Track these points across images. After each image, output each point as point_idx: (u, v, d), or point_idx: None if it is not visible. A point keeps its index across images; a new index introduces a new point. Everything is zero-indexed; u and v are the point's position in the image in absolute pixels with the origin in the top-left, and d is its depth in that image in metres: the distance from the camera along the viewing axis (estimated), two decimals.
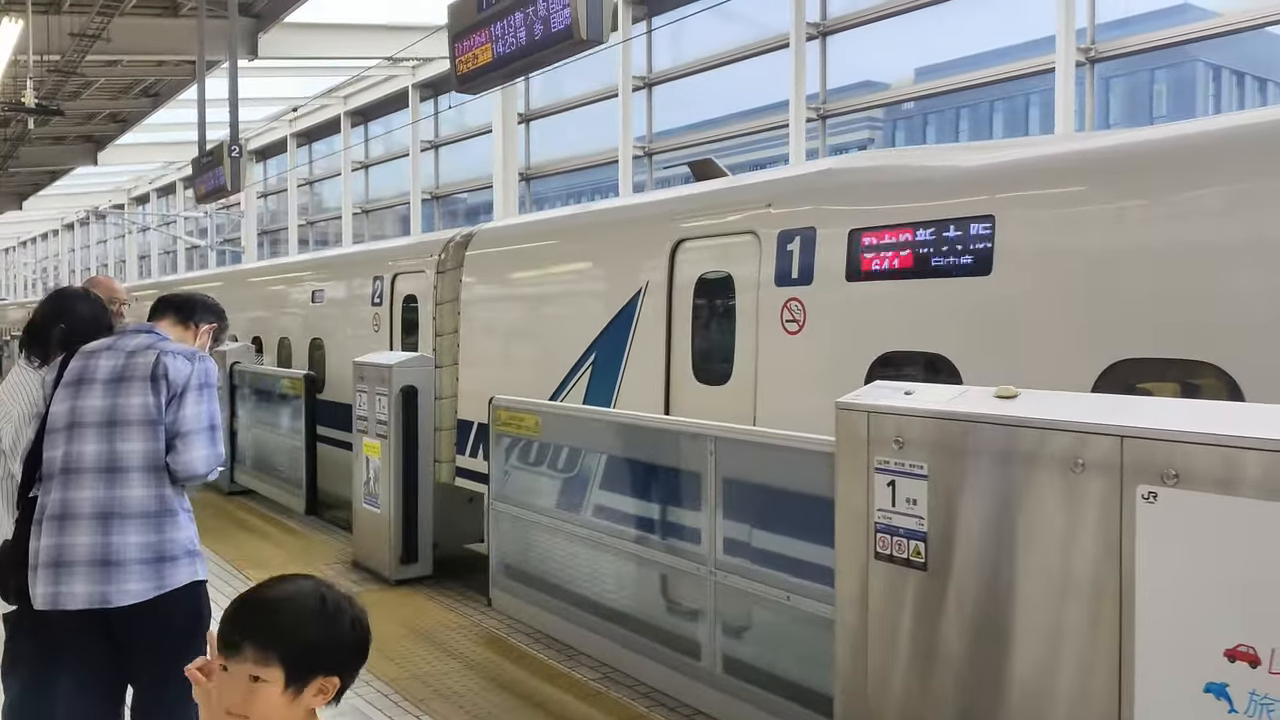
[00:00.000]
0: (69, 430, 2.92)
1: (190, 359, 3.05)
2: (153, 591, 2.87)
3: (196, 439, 2.98)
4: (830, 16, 11.65)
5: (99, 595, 2.82)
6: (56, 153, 26.73)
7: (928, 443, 2.89)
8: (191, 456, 2.97)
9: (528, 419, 5.51)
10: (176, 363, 3.00)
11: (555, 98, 16.23)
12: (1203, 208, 3.58)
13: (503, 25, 5.15)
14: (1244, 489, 2.24)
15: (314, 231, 24.86)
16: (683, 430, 4.51)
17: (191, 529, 3.04)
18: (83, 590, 2.81)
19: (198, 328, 3.41)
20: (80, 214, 38.37)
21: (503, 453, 5.70)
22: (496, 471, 5.73)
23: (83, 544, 2.82)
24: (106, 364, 3.01)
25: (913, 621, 2.94)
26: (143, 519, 2.87)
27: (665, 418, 5.11)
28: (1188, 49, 9.12)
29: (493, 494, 5.73)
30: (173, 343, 3.13)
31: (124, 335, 3.16)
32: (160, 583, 2.88)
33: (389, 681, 4.77)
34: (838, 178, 5.05)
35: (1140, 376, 3.64)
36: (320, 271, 11.29)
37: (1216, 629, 2.29)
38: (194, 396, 3.00)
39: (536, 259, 7.35)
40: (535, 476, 5.59)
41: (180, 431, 2.96)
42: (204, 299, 3.53)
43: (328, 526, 8.62)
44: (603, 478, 5.05)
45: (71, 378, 3.00)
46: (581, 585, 5.15)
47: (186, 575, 2.95)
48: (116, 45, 13.55)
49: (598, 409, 5.53)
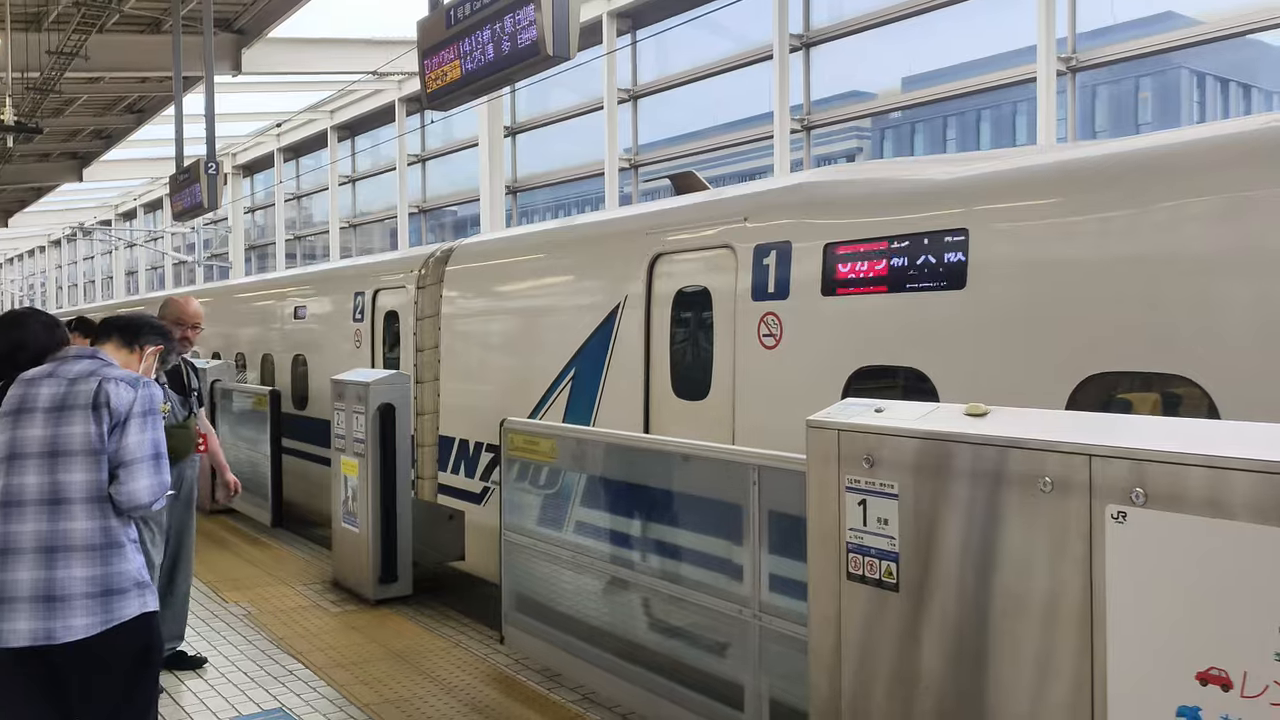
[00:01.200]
0: (8, 462, 2.85)
1: (133, 385, 2.98)
2: (99, 626, 2.80)
3: (140, 468, 2.91)
4: (814, 28, 11.66)
5: (43, 631, 2.74)
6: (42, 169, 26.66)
7: (898, 462, 2.84)
8: (135, 486, 2.90)
9: (542, 443, 5.12)
10: (119, 390, 2.93)
11: (541, 110, 16.22)
12: (1178, 218, 3.54)
13: (470, 42, 5.10)
14: (1214, 509, 2.19)
15: (302, 246, 24.80)
16: (720, 458, 4.09)
17: (139, 559, 2.96)
18: (25, 627, 2.74)
19: (142, 350, 3.34)
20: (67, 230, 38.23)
21: (514, 478, 5.32)
22: (509, 498, 5.33)
23: (24, 579, 2.75)
24: (47, 392, 2.93)
25: (886, 643, 2.89)
26: (87, 552, 2.80)
27: (700, 444, 4.37)
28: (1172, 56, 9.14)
29: (505, 524, 5.33)
30: (116, 368, 3.05)
31: (65, 361, 3.07)
32: (108, 616, 2.81)
33: (364, 706, 4.69)
34: (812, 191, 5.01)
35: (1115, 390, 3.60)
36: (302, 287, 11.23)
37: (1188, 652, 2.24)
38: (137, 424, 2.92)
39: (516, 273, 7.30)
40: (550, 504, 5.18)
41: (123, 461, 2.89)
42: (149, 320, 3.47)
43: (299, 540, 8.61)
44: (625, 507, 4.65)
45: (10, 407, 2.93)
46: (602, 622, 4.77)
47: (135, 607, 2.88)
48: (96, 63, 13.50)
49: (620, 433, 4.96)
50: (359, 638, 5.72)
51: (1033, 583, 2.53)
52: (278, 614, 6.23)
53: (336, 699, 4.79)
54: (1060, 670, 2.48)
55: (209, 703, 4.78)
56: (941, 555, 2.75)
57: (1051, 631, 2.49)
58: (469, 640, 5.67)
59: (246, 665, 5.29)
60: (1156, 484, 2.28)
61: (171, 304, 5.56)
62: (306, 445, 9.99)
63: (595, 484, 4.88)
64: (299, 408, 10.40)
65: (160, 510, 4.95)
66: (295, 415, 10.42)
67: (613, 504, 4.75)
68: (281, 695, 4.85)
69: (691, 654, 4.27)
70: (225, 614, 6.25)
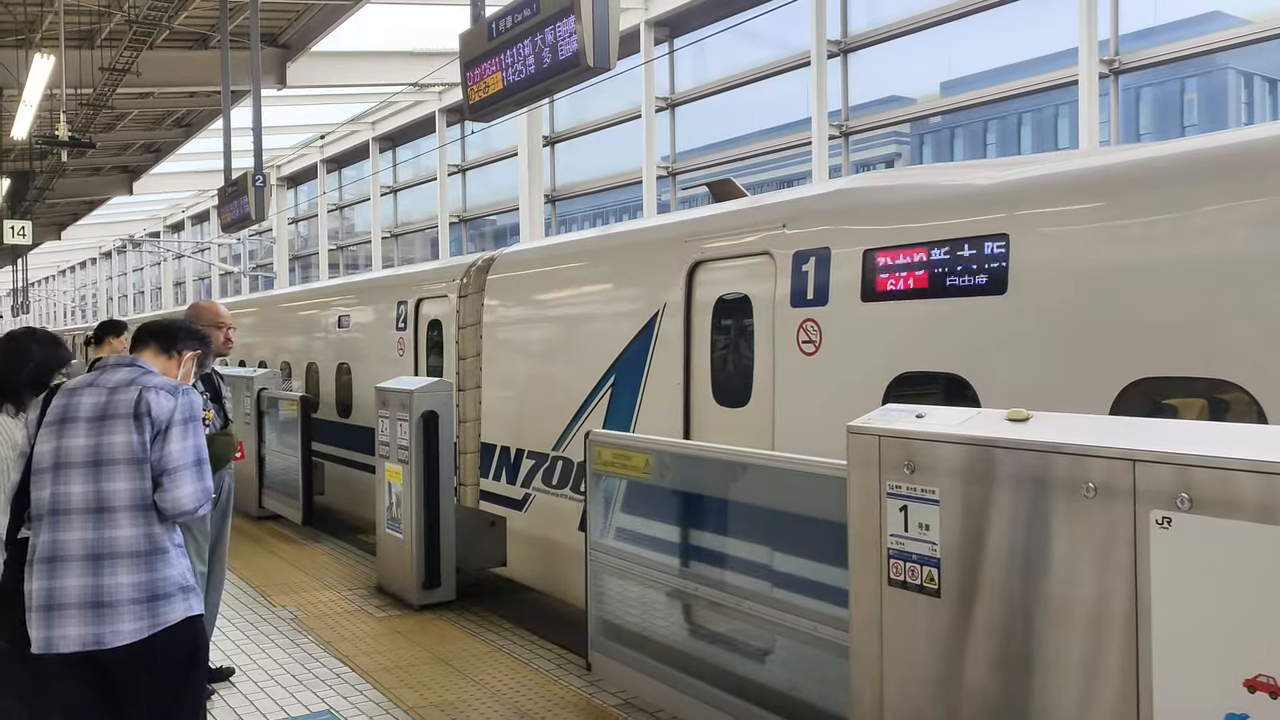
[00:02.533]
0: (54, 471, 2.90)
1: (173, 394, 3.02)
2: (147, 631, 2.85)
3: (183, 475, 2.95)
4: (851, 34, 11.64)
5: (92, 637, 2.80)
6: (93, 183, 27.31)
7: (939, 467, 2.84)
8: (180, 494, 2.95)
9: (635, 458, 4.66)
10: (159, 398, 2.97)
11: (580, 120, 16.34)
12: (1224, 222, 3.51)
13: (512, 54, 5.17)
14: (1262, 514, 2.18)
15: (344, 256, 25.15)
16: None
17: (184, 563, 3.02)
18: (75, 633, 2.80)
19: (181, 355, 3.37)
20: (117, 242, 39.09)
21: (601, 495, 4.94)
22: (595, 517, 4.94)
23: (73, 586, 2.80)
24: (89, 401, 2.98)
25: (928, 650, 2.89)
26: (133, 558, 2.85)
27: (824, 460, 3.64)
28: (1218, 57, 9.00)
29: (592, 544, 4.94)
30: (155, 376, 3.09)
31: (106, 370, 3.11)
32: (154, 621, 2.86)
33: (409, 710, 4.76)
34: (852, 197, 5.02)
35: (1160, 396, 3.57)
36: (345, 297, 11.40)
37: (1236, 658, 2.22)
38: (179, 432, 2.97)
39: (556, 282, 7.37)
40: (643, 524, 4.75)
41: (167, 469, 2.93)
42: (185, 325, 3.48)
43: (325, 535, 8.95)
44: (737, 530, 4.17)
45: (55, 417, 2.98)
46: (709, 657, 4.26)
47: (181, 611, 2.93)
48: (146, 78, 13.84)
49: (731, 449, 4.33)
50: (403, 642, 5.80)
51: (1077, 589, 2.52)
52: (324, 618, 6.33)
53: (382, 701, 4.87)
54: (1106, 677, 2.47)
55: (259, 704, 4.88)
56: (984, 561, 2.74)
57: (1096, 638, 2.48)
58: (512, 645, 5.72)
59: (294, 668, 5.38)
60: (1202, 489, 2.27)
61: (205, 309, 5.40)
62: (351, 453, 10.13)
63: (702, 503, 4.41)
64: (343, 416, 10.56)
65: (204, 517, 5.07)
66: (340, 423, 10.58)
67: (726, 526, 4.24)
68: (328, 697, 4.94)
69: (819, 693, 3.74)
70: (273, 617, 6.36)
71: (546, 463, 6.90)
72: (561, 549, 6.69)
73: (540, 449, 6.97)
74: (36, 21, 14.34)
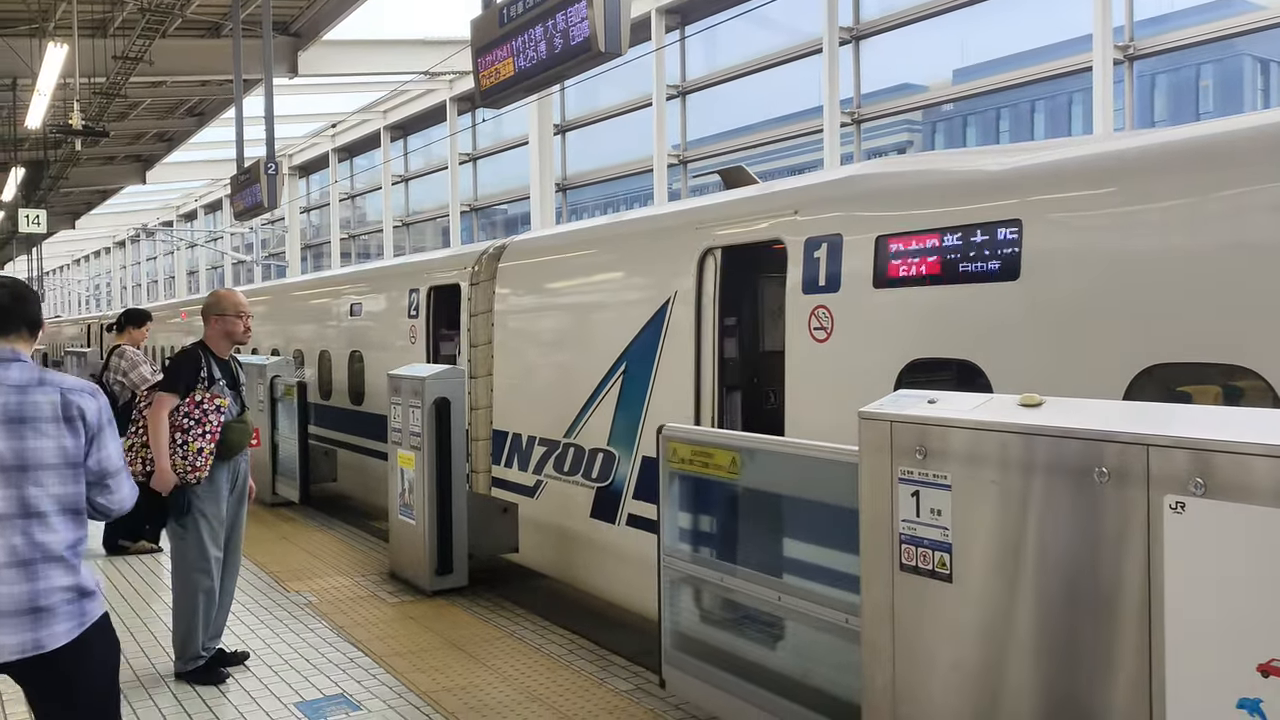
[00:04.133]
0: None
1: (94, 395, 2.92)
2: (77, 630, 2.80)
3: (123, 476, 2.94)
4: (864, 20, 11.58)
5: (31, 643, 2.72)
6: (107, 172, 27.42)
7: (951, 453, 2.84)
8: (123, 494, 2.94)
9: (719, 455, 4.10)
10: (85, 401, 2.85)
11: (590, 108, 16.31)
12: (1239, 207, 3.48)
13: (523, 39, 5.17)
14: (1275, 498, 2.17)
15: (356, 245, 25.20)
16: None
17: None
18: (13, 640, 2.71)
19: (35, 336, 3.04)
20: (130, 231, 39.26)
21: (676, 496, 4.39)
22: (669, 520, 4.40)
23: (4, 594, 2.70)
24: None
25: (939, 635, 2.89)
26: (63, 560, 2.79)
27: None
28: (1234, 43, 8.93)
29: (666, 549, 4.40)
30: (65, 377, 2.93)
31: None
32: (83, 619, 2.81)
33: (423, 694, 4.79)
34: (863, 184, 5.00)
35: (1174, 382, 3.56)
36: (357, 285, 11.43)
37: (1249, 643, 2.22)
38: (109, 434, 2.91)
39: (567, 270, 7.37)
40: (730, 530, 4.32)
41: (109, 471, 2.88)
42: (23, 306, 3.02)
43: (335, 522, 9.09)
44: (838, 539, 3.59)
45: None
46: (810, 677, 3.83)
47: (101, 605, 2.90)
48: (159, 67, 13.86)
49: (832, 446, 3.61)
50: (416, 627, 5.84)
51: (1089, 574, 2.52)
52: (338, 604, 6.37)
53: (396, 686, 4.90)
54: (1119, 661, 2.47)
55: (273, 688, 4.92)
56: (996, 546, 2.74)
57: (1109, 622, 2.48)
58: (524, 630, 5.75)
59: (308, 652, 5.42)
60: (1216, 474, 2.26)
61: (226, 297, 5.33)
62: (363, 440, 10.18)
63: (805, 509, 3.97)
64: (355, 403, 10.60)
65: (219, 505, 5.10)
66: (353, 410, 10.62)
67: (830, 536, 3.71)
68: (342, 682, 4.97)
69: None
70: (287, 603, 6.41)
71: (558, 450, 6.92)
72: (572, 536, 6.72)
73: (552, 436, 6.99)
74: (50, 10, 14.39)
